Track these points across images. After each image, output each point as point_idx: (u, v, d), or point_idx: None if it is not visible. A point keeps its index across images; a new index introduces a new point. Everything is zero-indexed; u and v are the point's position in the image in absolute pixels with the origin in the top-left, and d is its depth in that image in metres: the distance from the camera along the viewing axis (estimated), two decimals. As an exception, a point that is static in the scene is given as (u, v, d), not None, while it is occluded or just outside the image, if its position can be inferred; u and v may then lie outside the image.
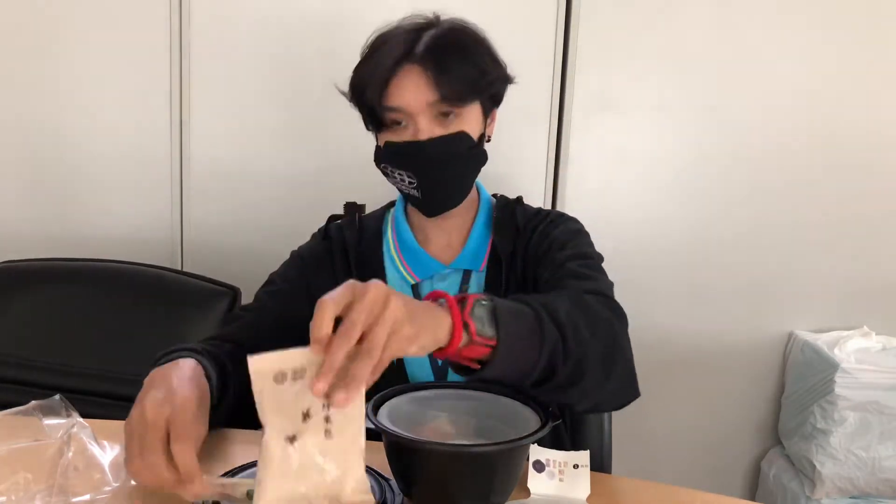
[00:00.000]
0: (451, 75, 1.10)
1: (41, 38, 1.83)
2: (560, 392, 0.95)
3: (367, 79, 1.13)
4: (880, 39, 1.85)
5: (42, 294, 1.51)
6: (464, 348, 0.85)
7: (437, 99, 1.10)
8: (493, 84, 1.17)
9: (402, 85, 1.11)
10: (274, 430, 0.72)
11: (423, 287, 1.22)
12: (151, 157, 1.87)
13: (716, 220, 1.91)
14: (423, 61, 1.11)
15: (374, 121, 1.16)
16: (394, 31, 1.16)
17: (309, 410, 0.73)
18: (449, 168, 1.14)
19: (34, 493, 0.86)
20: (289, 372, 0.72)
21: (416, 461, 0.90)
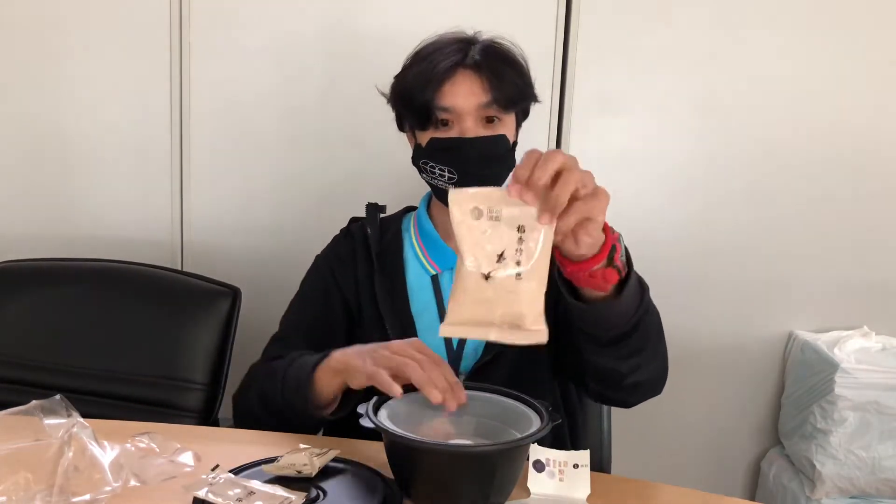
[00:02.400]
0: (504, 82, 1.20)
1: (41, 37, 1.83)
2: (620, 357, 1.03)
3: (424, 79, 1.19)
4: (880, 39, 1.85)
5: (42, 294, 1.51)
6: (599, 270, 0.91)
7: (488, 101, 1.19)
8: (529, 98, 1.27)
9: (457, 86, 1.19)
10: (472, 264, 0.82)
11: (443, 278, 1.27)
12: (151, 157, 1.87)
13: (715, 219, 1.91)
14: (477, 67, 1.19)
15: (422, 119, 1.21)
16: (442, 41, 1.24)
17: (504, 253, 0.82)
18: (488, 167, 1.20)
19: (34, 493, 0.86)
20: (484, 209, 0.82)
21: (416, 461, 0.90)
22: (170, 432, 1.08)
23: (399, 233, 1.34)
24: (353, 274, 1.30)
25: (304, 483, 0.92)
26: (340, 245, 1.36)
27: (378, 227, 1.34)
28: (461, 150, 1.19)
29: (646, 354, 1.05)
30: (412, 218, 1.36)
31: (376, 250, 1.30)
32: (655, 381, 1.12)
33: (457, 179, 1.20)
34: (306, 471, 0.93)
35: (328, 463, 0.96)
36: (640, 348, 1.03)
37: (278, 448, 0.99)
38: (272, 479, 0.92)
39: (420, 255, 1.30)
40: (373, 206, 1.37)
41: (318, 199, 1.85)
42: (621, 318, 0.98)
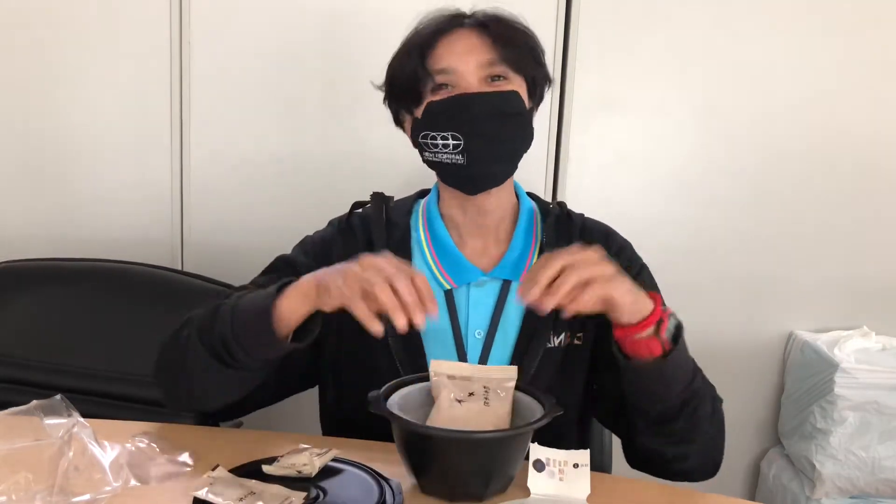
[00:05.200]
0: (511, 40, 1.08)
1: (41, 37, 1.83)
2: (668, 442, 1.04)
3: (414, 44, 1.08)
4: (880, 40, 1.85)
5: (42, 294, 1.51)
6: (643, 339, 0.96)
7: (492, 58, 1.06)
8: (543, 66, 1.14)
9: (454, 44, 1.07)
10: (448, 393, 0.99)
11: (458, 294, 1.14)
12: (151, 158, 1.87)
13: (715, 219, 1.91)
14: (479, 26, 1.08)
15: (415, 89, 1.08)
16: (434, 15, 1.12)
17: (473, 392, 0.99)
18: (500, 128, 1.07)
19: (34, 493, 0.86)
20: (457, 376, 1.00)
21: (423, 447, 0.92)
22: (170, 432, 1.08)
23: (408, 233, 1.18)
24: None
25: (304, 483, 0.92)
26: (334, 240, 1.19)
27: (384, 226, 1.18)
28: (466, 108, 1.04)
29: (697, 446, 1.05)
30: (421, 215, 1.20)
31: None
32: (705, 472, 1.10)
33: (462, 147, 1.05)
34: (306, 471, 0.93)
35: (328, 463, 0.96)
36: (689, 437, 1.04)
37: (278, 448, 0.99)
38: (272, 479, 0.92)
39: (433, 266, 1.15)
40: (378, 197, 1.22)
41: (319, 199, 1.85)
42: (666, 390, 1.00)
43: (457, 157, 1.07)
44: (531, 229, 1.19)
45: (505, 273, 1.15)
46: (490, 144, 1.07)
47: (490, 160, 1.09)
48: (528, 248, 1.17)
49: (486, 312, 1.14)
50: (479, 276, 1.14)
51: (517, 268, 1.15)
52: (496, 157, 1.09)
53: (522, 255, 1.16)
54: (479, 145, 1.06)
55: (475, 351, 1.13)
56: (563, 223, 1.20)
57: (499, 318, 1.13)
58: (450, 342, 1.13)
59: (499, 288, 1.15)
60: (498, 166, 1.10)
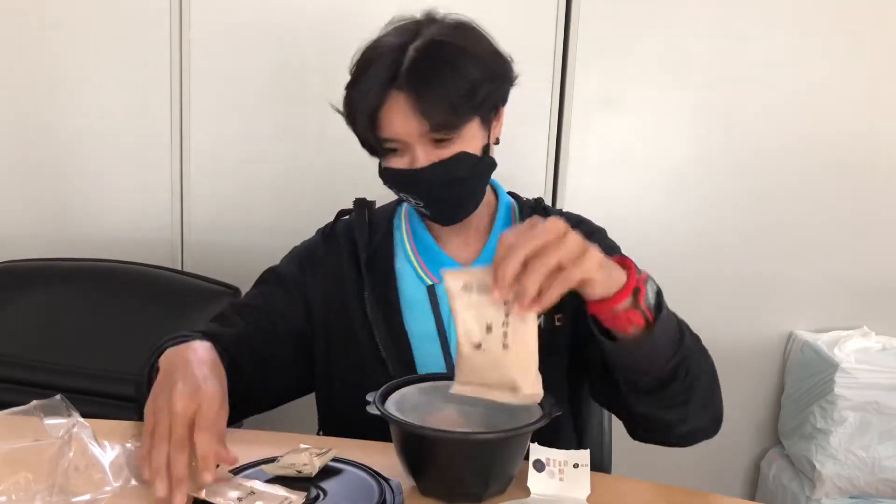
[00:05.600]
0: (437, 102, 1.04)
1: (41, 38, 1.83)
2: (664, 406, 1.00)
3: (356, 108, 1.08)
4: (880, 39, 1.85)
5: (42, 294, 1.51)
6: (622, 311, 0.89)
7: (427, 129, 1.05)
8: (488, 97, 1.09)
9: (391, 114, 1.06)
10: (464, 335, 0.88)
11: (440, 289, 1.16)
12: (151, 157, 1.87)
13: (715, 219, 1.91)
14: (407, 87, 1.04)
15: (369, 149, 1.12)
16: (379, 47, 1.09)
17: (490, 325, 0.87)
18: (455, 190, 1.11)
19: (34, 493, 0.86)
20: (474, 284, 0.87)
21: (421, 448, 0.92)
22: (170, 432, 1.07)
23: (391, 234, 1.23)
24: (338, 280, 1.19)
25: (304, 483, 0.91)
26: (319, 247, 1.23)
27: (367, 228, 1.22)
28: (417, 182, 1.09)
29: (694, 405, 1.00)
30: (403, 215, 1.24)
31: (365, 257, 1.19)
32: (708, 429, 1.07)
33: (424, 205, 1.12)
34: (306, 471, 0.93)
35: (328, 463, 0.96)
36: (685, 398, 0.99)
37: (278, 448, 0.99)
38: (272, 479, 0.92)
39: (415, 263, 1.19)
40: (360, 203, 1.26)
41: (319, 199, 1.85)
42: (655, 361, 0.94)
43: (422, 210, 1.14)
44: (510, 222, 1.22)
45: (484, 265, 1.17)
46: (448, 204, 1.13)
47: (453, 213, 1.15)
48: None
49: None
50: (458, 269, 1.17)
51: None
52: (457, 209, 1.15)
53: None
54: (439, 206, 1.13)
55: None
56: (537, 212, 1.22)
57: None
58: (434, 337, 1.15)
59: None
60: (462, 213, 1.16)
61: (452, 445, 0.91)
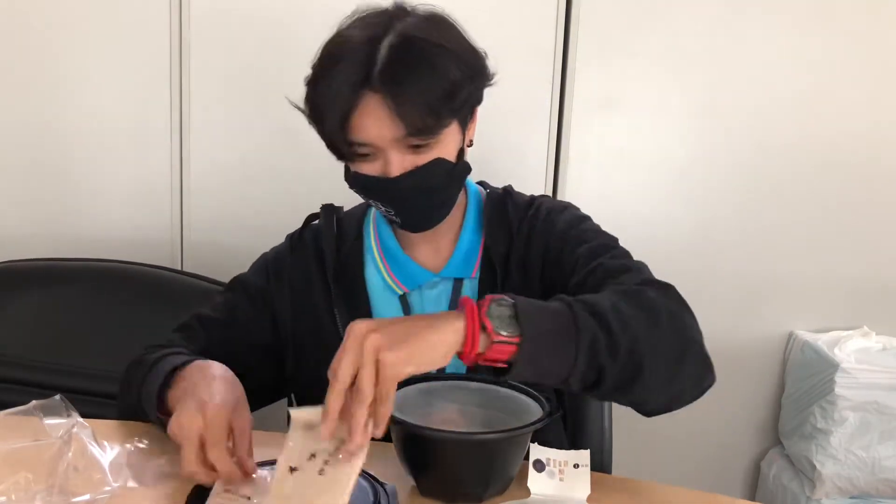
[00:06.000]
0: (416, 105, 0.97)
1: (41, 38, 1.83)
2: (619, 392, 0.90)
3: (325, 108, 1.01)
4: (880, 39, 1.85)
5: (42, 294, 1.51)
6: (488, 350, 0.82)
7: (403, 134, 0.98)
8: (468, 99, 1.03)
9: (364, 118, 0.98)
10: (284, 460, 0.85)
11: (412, 297, 1.14)
12: (151, 158, 1.87)
13: (715, 219, 1.91)
14: (383, 89, 0.97)
15: (339, 153, 1.05)
16: (346, 42, 1.02)
17: (315, 454, 0.84)
18: (428, 198, 1.06)
19: (34, 493, 0.86)
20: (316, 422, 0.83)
21: (421, 448, 0.92)
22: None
23: (360, 240, 1.18)
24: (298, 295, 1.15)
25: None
26: (286, 257, 1.18)
27: (335, 237, 1.17)
28: (390, 191, 1.03)
29: (651, 376, 0.88)
30: (372, 220, 1.19)
31: (332, 266, 1.15)
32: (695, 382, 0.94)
33: (394, 213, 1.06)
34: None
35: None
36: (632, 378, 0.87)
37: (279, 448, 0.99)
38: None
39: (384, 272, 1.15)
40: (328, 210, 1.21)
41: (319, 199, 1.85)
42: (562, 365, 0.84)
43: (392, 217, 1.08)
44: (479, 221, 1.17)
45: (455, 271, 1.14)
46: (421, 212, 1.08)
47: (424, 220, 1.09)
48: (477, 243, 1.15)
49: (447, 307, 1.13)
50: (429, 277, 1.14)
51: (468, 263, 1.14)
52: (429, 217, 1.09)
53: (471, 251, 1.15)
54: (411, 214, 1.07)
55: None
56: (503, 207, 1.16)
57: None
58: None
59: (451, 287, 1.14)
60: (433, 221, 1.10)
61: (453, 445, 0.90)
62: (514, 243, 1.13)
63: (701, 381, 0.95)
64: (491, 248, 1.13)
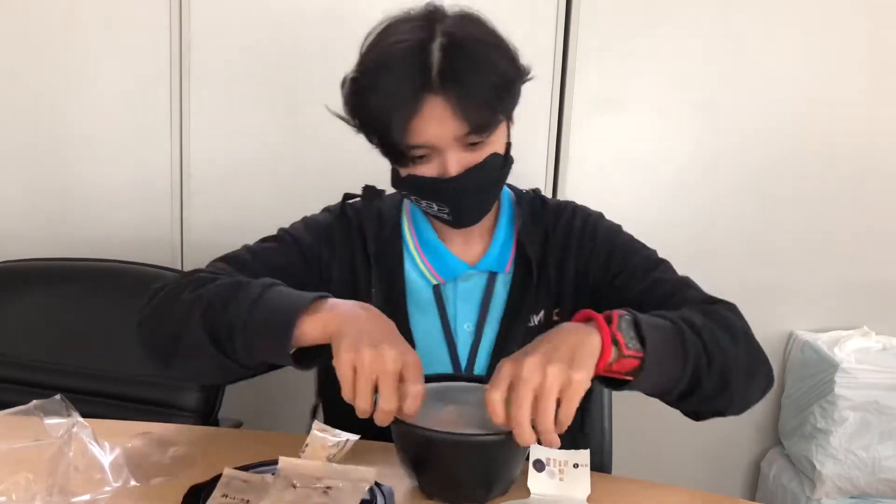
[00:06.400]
0: (476, 102, 1.00)
1: (41, 38, 1.83)
2: (708, 401, 0.98)
3: (386, 115, 1.01)
4: (880, 40, 1.85)
5: (42, 294, 1.51)
6: (614, 363, 0.89)
7: (466, 132, 1.01)
8: (518, 92, 1.08)
9: (426, 120, 1.00)
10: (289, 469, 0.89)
11: (446, 289, 1.15)
12: (151, 158, 1.87)
13: (715, 219, 1.91)
14: (444, 90, 0.99)
15: (395, 157, 1.06)
16: (393, 48, 1.02)
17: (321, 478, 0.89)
18: (481, 194, 1.08)
19: (34, 493, 0.86)
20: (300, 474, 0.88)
21: (422, 449, 0.92)
22: (170, 432, 1.08)
23: (398, 228, 1.19)
24: (349, 266, 1.16)
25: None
26: (334, 228, 1.19)
27: (376, 219, 1.18)
28: (448, 189, 1.04)
29: (735, 387, 0.99)
30: (405, 210, 1.21)
31: (373, 249, 1.16)
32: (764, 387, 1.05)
33: (447, 211, 1.07)
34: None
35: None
36: (720, 390, 0.97)
37: (279, 448, 0.99)
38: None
39: (419, 261, 1.17)
40: (370, 192, 1.21)
41: (319, 199, 1.85)
42: (671, 378, 0.94)
43: (442, 215, 1.10)
44: (512, 219, 1.21)
45: (490, 265, 1.17)
46: (474, 207, 1.10)
47: (475, 217, 1.12)
48: (510, 238, 1.19)
49: (474, 305, 1.16)
50: (464, 269, 1.16)
51: (501, 259, 1.17)
52: (480, 211, 1.12)
53: (505, 246, 1.18)
54: (464, 210, 1.09)
55: (465, 344, 1.15)
56: (537, 209, 1.21)
57: (486, 309, 1.15)
58: (440, 336, 1.14)
59: (485, 280, 1.16)
60: (482, 215, 1.13)
61: (456, 447, 0.90)
62: (549, 244, 1.17)
63: (766, 389, 1.05)
64: (526, 247, 1.16)
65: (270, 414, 1.85)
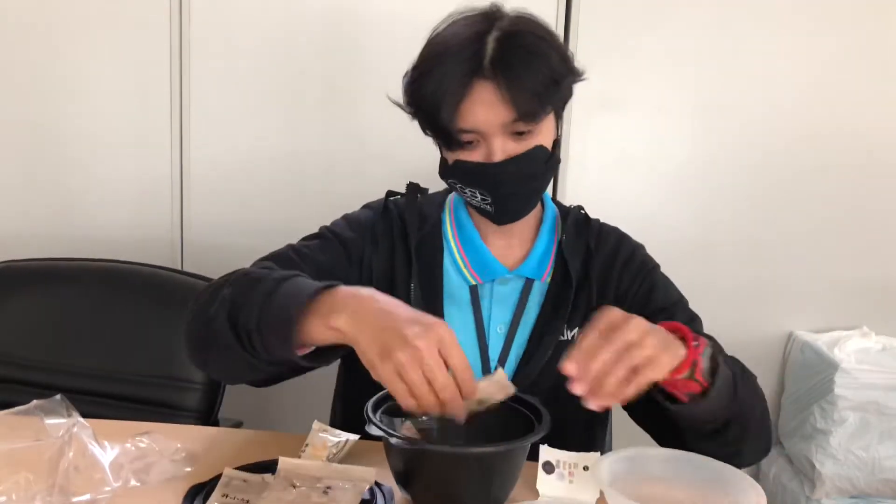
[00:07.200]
0: (525, 90, 1.03)
1: (41, 38, 1.83)
2: (721, 445, 1.02)
3: (437, 98, 1.04)
4: (880, 39, 1.85)
5: (42, 294, 1.51)
6: (682, 383, 0.93)
7: (513, 119, 1.03)
8: (567, 89, 1.11)
9: (474, 105, 1.03)
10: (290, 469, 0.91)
11: (483, 290, 1.17)
12: (151, 158, 1.87)
13: (715, 219, 1.91)
14: (494, 76, 1.02)
15: (445, 140, 1.08)
16: (452, 38, 1.06)
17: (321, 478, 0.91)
18: (525, 185, 1.09)
19: (34, 493, 0.86)
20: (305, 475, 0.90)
21: (416, 463, 0.91)
22: (170, 432, 1.08)
23: (439, 226, 1.21)
24: (390, 262, 1.17)
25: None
26: (377, 223, 1.20)
27: (417, 216, 1.19)
28: (493, 176, 1.06)
29: (749, 440, 1.06)
30: (449, 208, 1.22)
31: (415, 245, 1.17)
32: (762, 452, 1.13)
33: (490, 201, 1.09)
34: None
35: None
36: (741, 436, 1.03)
37: (279, 448, 0.99)
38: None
39: (459, 261, 1.18)
40: (413, 188, 1.23)
41: (319, 199, 1.85)
42: (710, 416, 0.98)
43: (486, 206, 1.11)
44: (553, 230, 1.22)
45: (528, 272, 1.18)
46: (517, 199, 1.12)
47: (517, 209, 1.13)
48: (550, 248, 1.20)
49: (509, 309, 1.17)
50: (503, 273, 1.17)
51: (540, 267, 1.18)
52: (522, 206, 1.14)
53: (545, 255, 1.19)
54: (507, 201, 1.10)
55: (497, 345, 1.16)
56: (581, 225, 1.23)
57: (520, 314, 1.16)
58: (472, 336, 1.15)
59: (521, 286, 1.18)
60: (524, 211, 1.15)
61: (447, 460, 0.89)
62: (592, 261, 1.19)
63: (765, 452, 1.13)
64: (567, 259, 1.18)
65: (270, 414, 1.85)
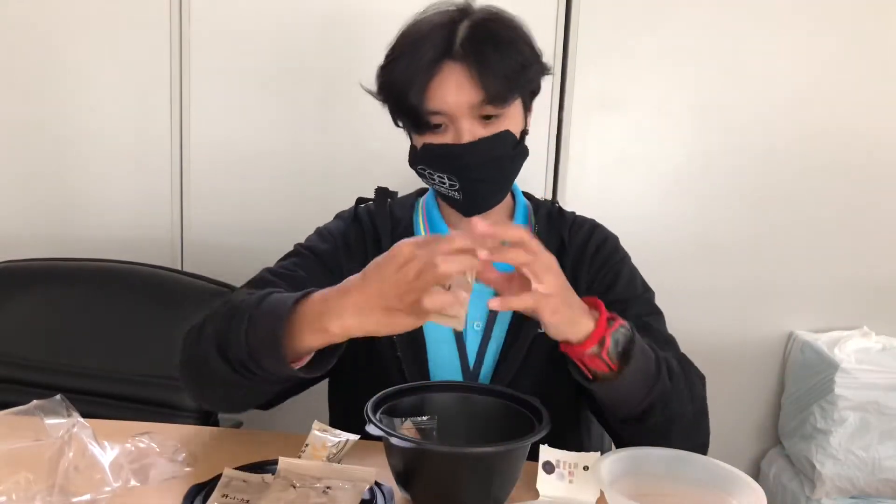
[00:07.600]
0: (495, 73, 1.05)
1: (41, 37, 1.83)
2: (642, 434, 1.01)
3: (406, 79, 1.06)
4: (880, 39, 1.85)
5: (42, 294, 1.51)
6: (589, 359, 0.94)
7: (481, 100, 1.05)
8: (535, 78, 1.13)
9: (444, 86, 1.05)
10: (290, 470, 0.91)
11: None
12: (151, 157, 1.87)
13: (715, 219, 1.91)
14: (464, 58, 1.05)
15: (414, 122, 1.10)
16: (425, 25, 1.09)
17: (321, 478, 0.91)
18: (492, 170, 1.10)
19: (34, 493, 0.86)
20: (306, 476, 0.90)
21: (416, 463, 0.91)
22: (170, 432, 1.08)
23: (411, 227, 1.21)
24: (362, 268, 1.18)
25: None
26: (350, 232, 1.21)
27: (389, 219, 1.20)
28: (459, 159, 1.08)
29: (675, 436, 1.03)
30: (421, 212, 1.23)
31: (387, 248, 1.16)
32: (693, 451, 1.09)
33: (458, 187, 1.10)
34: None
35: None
36: (665, 430, 1.02)
37: (279, 448, 0.99)
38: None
39: None
40: (382, 192, 1.24)
41: (319, 199, 1.85)
42: (627, 401, 0.99)
43: (453, 193, 1.12)
44: (526, 223, 1.23)
45: (502, 266, 1.16)
46: (484, 185, 1.12)
47: (485, 197, 1.14)
48: None
49: (485, 304, 1.14)
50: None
51: None
52: (490, 193, 1.14)
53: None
54: (474, 187, 1.11)
55: (474, 341, 1.16)
56: (554, 218, 1.24)
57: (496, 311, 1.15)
58: (450, 334, 1.15)
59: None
60: (492, 199, 1.15)
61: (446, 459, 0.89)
62: (565, 254, 1.19)
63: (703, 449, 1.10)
64: None
65: (270, 414, 1.84)
